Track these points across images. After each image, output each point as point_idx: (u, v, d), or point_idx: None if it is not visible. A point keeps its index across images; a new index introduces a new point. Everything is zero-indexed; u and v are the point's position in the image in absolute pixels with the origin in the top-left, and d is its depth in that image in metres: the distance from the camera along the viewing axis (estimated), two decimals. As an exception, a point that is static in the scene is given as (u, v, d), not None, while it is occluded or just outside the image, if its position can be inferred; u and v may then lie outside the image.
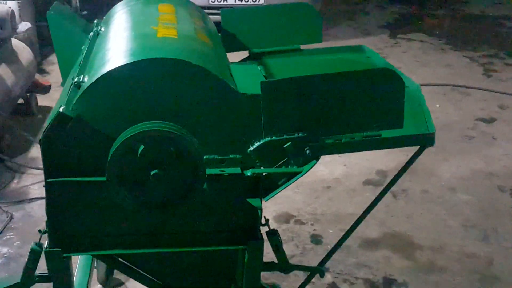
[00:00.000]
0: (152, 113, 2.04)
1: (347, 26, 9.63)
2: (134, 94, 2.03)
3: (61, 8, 3.04)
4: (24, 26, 6.57)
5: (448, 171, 5.13)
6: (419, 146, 2.34)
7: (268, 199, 2.19)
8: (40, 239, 2.20)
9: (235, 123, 2.11)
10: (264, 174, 2.14)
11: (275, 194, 2.20)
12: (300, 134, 2.11)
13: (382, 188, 4.83)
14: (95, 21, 3.10)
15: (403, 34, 9.15)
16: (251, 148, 2.13)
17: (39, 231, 2.21)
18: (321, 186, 4.90)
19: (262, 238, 2.23)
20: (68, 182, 2.04)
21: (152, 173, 1.96)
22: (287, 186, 2.18)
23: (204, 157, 2.10)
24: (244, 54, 3.16)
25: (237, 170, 2.10)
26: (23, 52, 5.84)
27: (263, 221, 2.29)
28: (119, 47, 2.27)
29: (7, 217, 4.34)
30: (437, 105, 6.45)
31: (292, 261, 4.00)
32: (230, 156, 2.13)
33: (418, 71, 7.48)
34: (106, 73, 2.02)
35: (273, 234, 2.32)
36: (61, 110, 1.99)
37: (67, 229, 2.12)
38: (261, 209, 2.17)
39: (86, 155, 2.05)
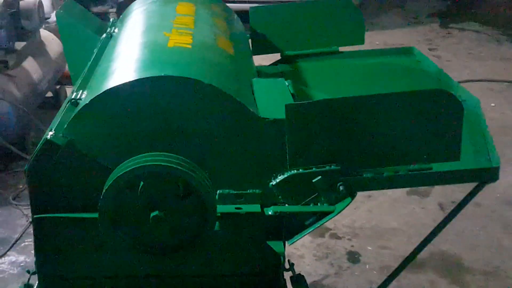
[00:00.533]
0: (155, 140, 1.74)
1: (394, 14, 9.12)
2: (134, 118, 1.74)
3: (73, 6, 2.76)
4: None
5: (505, 182, 4.61)
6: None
7: (293, 242, 1.86)
8: (29, 280, 1.93)
9: (255, 153, 1.81)
10: (288, 213, 1.83)
11: (301, 237, 1.85)
12: (332, 167, 1.82)
13: (428, 199, 4.52)
14: (111, 20, 2.82)
15: (456, 23, 8.61)
16: (273, 182, 1.84)
17: (28, 271, 1.94)
18: (360, 195, 4.48)
19: (285, 286, 1.90)
20: (59, 218, 1.78)
21: (152, 215, 1.65)
22: (315, 228, 1.84)
23: (218, 191, 1.79)
24: (276, 56, 2.84)
25: (256, 207, 1.82)
26: (52, 43, 5.63)
27: (286, 266, 1.96)
28: (123, 59, 1.97)
29: (27, 221, 4.14)
30: (492, 104, 5.94)
31: (326, 283, 3.70)
32: (248, 191, 1.83)
33: (472, 65, 6.99)
34: (101, 94, 1.72)
35: (298, 282, 1.98)
36: (49, 136, 1.71)
37: (58, 271, 1.86)
38: (283, 254, 1.84)
39: (79, 188, 1.77)
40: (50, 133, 1.72)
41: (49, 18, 6.00)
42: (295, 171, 1.80)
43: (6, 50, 4.86)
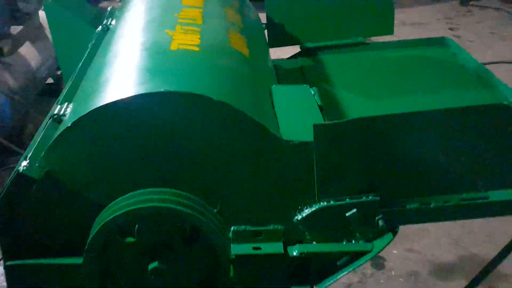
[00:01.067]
0: (155, 171, 1.45)
1: (413, -10, 8.72)
2: (128, 143, 1.45)
3: (64, -6, 2.43)
4: (57, -5, 6.04)
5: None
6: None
7: (323, 288, 1.57)
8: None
9: (276, 182, 1.54)
10: (316, 253, 1.58)
11: (334, 281, 1.57)
12: (370, 197, 1.58)
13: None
14: (109, 9, 2.49)
15: (476, 0, 8.20)
16: (299, 217, 1.58)
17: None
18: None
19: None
20: (35, 265, 1.50)
21: (150, 267, 1.35)
22: (349, 271, 1.55)
23: (232, 228, 1.51)
24: (295, 49, 2.60)
25: (279, 247, 1.57)
26: (52, 27, 5.31)
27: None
28: (117, 65, 1.66)
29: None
30: (519, 89, 5.59)
31: (349, 292, 3.45)
32: (268, 227, 1.56)
33: (494, 45, 6.68)
34: (88, 113, 1.41)
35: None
36: (21, 169, 1.40)
37: None
38: (311, 302, 1.56)
39: (58, 228, 1.49)
40: (24, 163, 1.42)
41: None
42: (325, 203, 1.56)
43: (1, 35, 4.55)
